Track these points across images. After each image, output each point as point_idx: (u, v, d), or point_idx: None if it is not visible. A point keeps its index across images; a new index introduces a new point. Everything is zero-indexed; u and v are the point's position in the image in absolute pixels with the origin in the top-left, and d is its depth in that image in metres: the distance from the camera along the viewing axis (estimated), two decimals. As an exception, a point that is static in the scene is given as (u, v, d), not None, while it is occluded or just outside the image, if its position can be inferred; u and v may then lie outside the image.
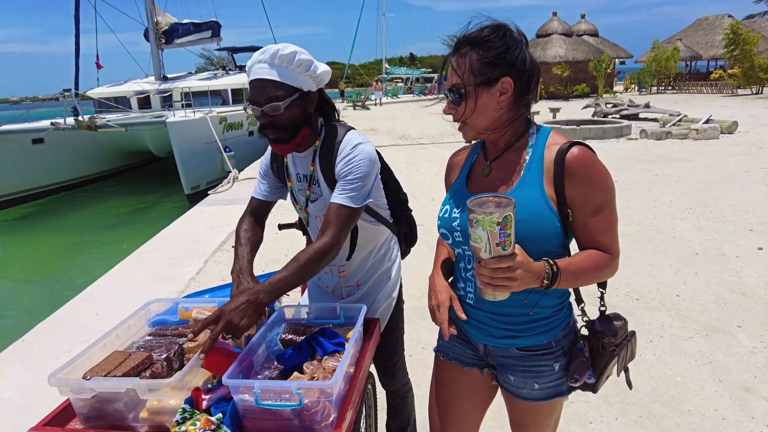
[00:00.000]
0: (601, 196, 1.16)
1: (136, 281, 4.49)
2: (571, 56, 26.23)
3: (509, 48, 1.15)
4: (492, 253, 1.00)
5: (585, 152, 1.16)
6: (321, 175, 1.58)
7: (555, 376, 1.27)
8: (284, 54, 1.43)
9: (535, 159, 1.20)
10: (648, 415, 2.38)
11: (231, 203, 7.34)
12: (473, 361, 1.38)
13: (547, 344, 1.26)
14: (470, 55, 1.16)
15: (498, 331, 1.27)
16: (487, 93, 1.17)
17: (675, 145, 10.36)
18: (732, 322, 3.22)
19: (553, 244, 1.17)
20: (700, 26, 30.54)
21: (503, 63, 1.15)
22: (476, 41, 1.16)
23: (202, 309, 1.50)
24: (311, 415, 1.11)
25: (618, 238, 1.20)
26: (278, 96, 1.45)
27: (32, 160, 11.46)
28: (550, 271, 1.08)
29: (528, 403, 1.30)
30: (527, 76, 1.18)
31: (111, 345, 1.35)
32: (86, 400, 1.15)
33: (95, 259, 7.44)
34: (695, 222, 5.29)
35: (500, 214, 0.96)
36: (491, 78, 1.15)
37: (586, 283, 1.18)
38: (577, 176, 1.15)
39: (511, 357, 1.29)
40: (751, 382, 2.60)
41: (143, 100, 14.51)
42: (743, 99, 20.47)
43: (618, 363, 1.27)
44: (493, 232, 0.97)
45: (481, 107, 1.18)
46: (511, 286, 1.03)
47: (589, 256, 1.16)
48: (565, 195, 1.15)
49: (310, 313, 1.54)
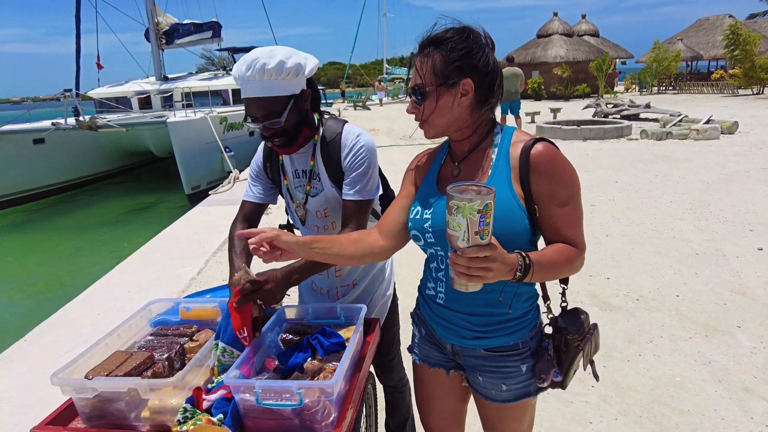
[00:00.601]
0: (567, 191, 1.18)
1: (136, 281, 4.50)
2: (572, 56, 26.23)
3: (472, 50, 1.17)
4: (470, 241, 0.98)
5: (549, 148, 1.19)
6: (323, 168, 1.58)
7: (523, 377, 1.28)
8: (271, 68, 1.40)
9: (502, 157, 1.21)
10: (648, 415, 2.39)
11: (232, 203, 7.35)
12: (440, 362, 1.40)
13: (514, 345, 1.27)
14: (433, 56, 1.18)
15: (467, 332, 1.28)
16: (448, 94, 1.18)
17: (675, 145, 10.36)
18: (732, 322, 3.23)
19: (523, 240, 1.18)
20: (700, 26, 30.52)
21: (465, 65, 1.16)
22: (439, 42, 1.18)
23: (204, 308, 1.51)
24: (312, 415, 1.11)
25: (583, 233, 1.21)
26: (276, 111, 1.45)
27: (33, 161, 11.48)
28: (522, 263, 1.08)
29: (497, 404, 1.31)
30: (489, 78, 1.19)
31: (113, 345, 1.36)
32: (88, 399, 1.16)
33: (96, 259, 7.45)
34: (695, 222, 5.29)
35: (481, 202, 0.95)
36: (453, 80, 1.17)
37: (556, 277, 1.19)
38: (542, 172, 1.17)
39: (479, 357, 1.30)
40: (750, 382, 2.60)
41: (144, 100, 14.53)
42: (744, 99, 20.46)
43: (583, 357, 1.28)
44: (473, 219, 0.96)
45: (442, 107, 1.20)
46: (485, 276, 1.02)
47: (559, 249, 1.17)
48: (531, 191, 1.17)
49: (310, 313, 1.55)
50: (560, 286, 1.33)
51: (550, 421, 2.39)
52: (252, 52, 1.45)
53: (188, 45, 16.36)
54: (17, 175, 11.21)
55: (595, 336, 1.33)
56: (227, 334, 1.30)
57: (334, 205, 1.62)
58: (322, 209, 1.62)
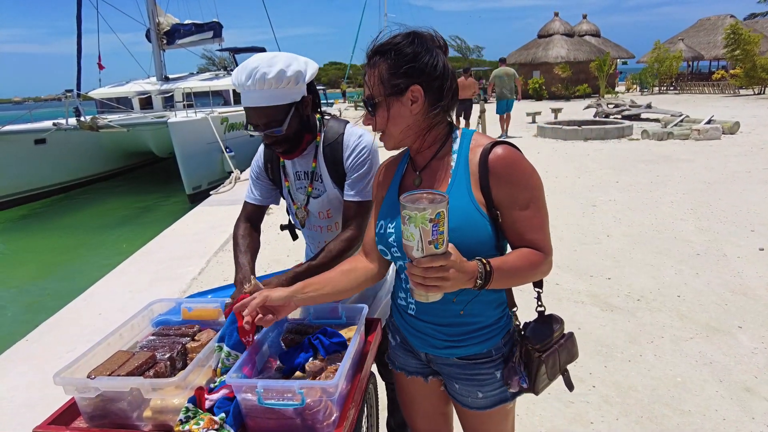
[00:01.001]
0: (527, 194, 1.15)
1: (138, 281, 4.51)
2: (573, 56, 26.23)
3: (417, 55, 1.14)
4: (424, 251, 0.96)
5: (507, 151, 1.16)
6: (325, 169, 1.58)
7: (498, 383, 1.27)
8: (272, 77, 1.40)
9: (461, 164, 1.19)
10: (649, 416, 2.39)
11: (233, 203, 7.36)
12: (417, 370, 1.40)
13: (487, 353, 1.26)
14: (379, 66, 1.16)
15: (438, 341, 1.27)
16: (398, 102, 1.17)
17: (676, 145, 10.35)
18: (733, 322, 3.22)
19: (487, 247, 1.15)
20: (702, 26, 30.50)
21: (411, 71, 1.14)
22: (384, 51, 1.16)
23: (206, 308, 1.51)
24: (313, 414, 1.12)
25: (549, 236, 1.19)
26: (277, 120, 1.45)
27: (34, 161, 11.50)
28: (483, 270, 1.06)
29: (475, 411, 1.30)
30: (439, 82, 1.16)
31: (115, 345, 1.36)
32: (90, 399, 1.16)
33: (97, 259, 7.46)
34: (696, 222, 5.29)
35: (433, 211, 0.93)
36: (400, 87, 1.15)
37: (521, 283, 1.17)
38: (501, 176, 1.14)
39: (453, 366, 1.29)
40: (751, 382, 2.60)
41: (145, 100, 14.54)
42: (745, 99, 20.44)
43: (548, 369, 1.25)
44: (425, 229, 0.94)
45: (394, 117, 1.18)
46: (443, 286, 1.00)
47: (522, 255, 1.15)
48: (491, 196, 1.15)
49: (311, 314, 1.55)
50: (535, 290, 1.31)
51: (550, 421, 2.39)
52: (251, 60, 1.45)
53: (189, 45, 16.37)
54: (19, 175, 11.23)
55: (568, 346, 1.30)
56: (232, 339, 1.30)
57: (337, 205, 1.62)
58: (325, 210, 1.62)
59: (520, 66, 28.46)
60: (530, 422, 2.39)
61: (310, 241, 1.78)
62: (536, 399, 2.45)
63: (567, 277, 4.04)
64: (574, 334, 1.35)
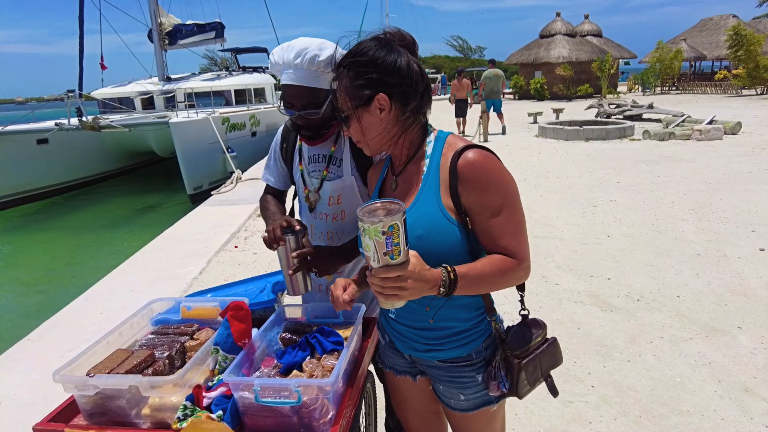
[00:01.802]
0: (498, 199, 1.12)
1: (139, 281, 4.52)
2: (575, 57, 26.20)
3: (376, 63, 1.12)
4: (380, 262, 0.97)
5: (477, 155, 1.13)
6: (349, 155, 1.58)
7: (480, 386, 1.26)
8: (321, 60, 1.42)
9: (432, 169, 1.18)
10: (647, 416, 2.39)
11: (234, 203, 7.37)
12: (405, 369, 1.40)
13: (468, 356, 1.25)
14: (343, 79, 1.16)
15: (419, 344, 1.28)
16: (366, 113, 1.16)
17: (678, 145, 10.34)
18: (732, 323, 3.23)
19: (457, 252, 1.13)
20: (704, 26, 30.42)
21: (373, 81, 1.13)
22: (345, 63, 1.16)
23: (205, 307, 1.52)
24: (310, 413, 1.13)
25: (526, 241, 1.15)
26: (316, 102, 1.46)
27: (37, 161, 11.53)
28: (447, 278, 1.05)
29: (458, 413, 1.31)
30: (405, 86, 1.15)
31: (114, 343, 1.37)
32: (90, 396, 1.18)
33: (98, 258, 7.48)
34: (697, 223, 5.28)
35: (386, 224, 0.92)
36: (365, 98, 1.14)
37: (492, 289, 1.15)
38: (469, 181, 1.12)
39: (435, 368, 1.30)
40: (750, 383, 2.60)
41: (147, 100, 14.57)
42: (748, 100, 20.39)
43: (528, 375, 1.24)
44: (379, 241, 0.94)
45: (366, 127, 1.18)
46: (402, 295, 1.00)
47: (491, 261, 1.12)
48: (461, 201, 1.13)
49: (309, 313, 1.56)
50: (518, 293, 1.30)
51: (549, 421, 2.39)
52: (299, 41, 1.47)
53: (191, 45, 16.39)
54: (21, 174, 11.27)
55: (550, 352, 1.29)
56: (227, 345, 1.31)
57: (349, 194, 1.61)
58: (336, 195, 1.61)
59: (521, 66, 28.48)
60: (528, 422, 2.39)
61: (314, 230, 1.73)
62: (535, 399, 2.46)
63: (567, 277, 4.04)
64: (557, 339, 1.33)
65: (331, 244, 1.63)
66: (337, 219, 1.64)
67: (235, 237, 5.78)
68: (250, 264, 4.87)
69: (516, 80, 28.55)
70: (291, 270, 1.42)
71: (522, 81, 28.09)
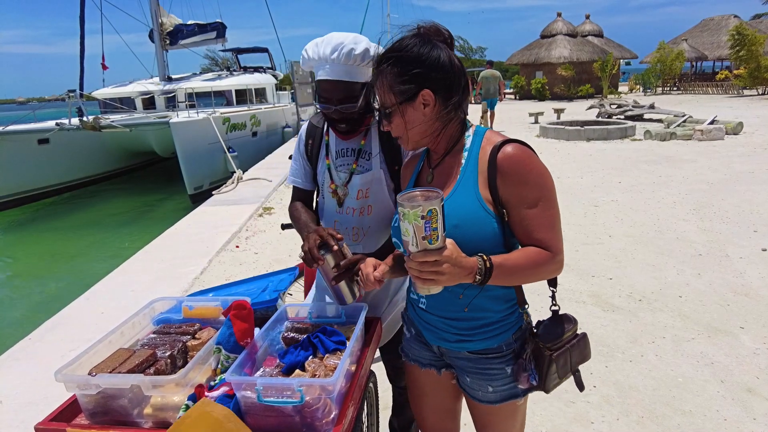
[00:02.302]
0: (535, 193, 1.14)
1: (140, 280, 4.52)
2: (576, 57, 26.18)
3: (422, 59, 1.14)
4: (419, 246, 1.00)
5: (517, 149, 1.16)
6: (379, 149, 1.59)
7: (508, 379, 1.27)
8: (358, 54, 1.44)
9: (471, 162, 1.20)
10: (649, 416, 2.38)
11: (235, 203, 7.37)
12: (431, 362, 1.41)
13: (498, 348, 1.26)
14: (387, 74, 1.17)
15: (449, 335, 1.29)
16: (410, 108, 1.18)
17: (679, 146, 10.33)
18: (735, 323, 3.22)
19: (492, 244, 1.16)
20: (705, 27, 30.39)
21: (418, 76, 1.15)
22: (390, 58, 1.17)
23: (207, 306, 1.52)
24: (312, 412, 1.12)
25: (560, 235, 1.18)
26: (353, 96, 1.48)
27: (38, 160, 11.54)
28: (483, 266, 1.07)
29: (485, 405, 1.31)
30: (448, 81, 1.17)
31: (116, 342, 1.37)
32: (91, 396, 1.17)
33: (100, 258, 7.49)
34: (699, 223, 5.28)
35: (425, 208, 0.96)
36: (410, 94, 1.16)
37: (526, 281, 1.17)
38: (508, 174, 1.14)
39: (464, 359, 1.31)
40: (753, 383, 2.59)
41: (148, 100, 14.58)
42: (749, 100, 20.37)
43: (558, 369, 1.25)
44: (418, 225, 0.97)
45: (409, 122, 1.20)
46: (439, 279, 1.02)
47: (526, 253, 1.14)
48: (499, 194, 1.15)
49: (312, 312, 1.56)
50: (549, 289, 1.31)
51: (551, 421, 2.39)
52: (334, 36, 1.48)
53: (192, 46, 16.41)
54: (22, 174, 11.28)
55: (580, 347, 1.29)
56: (230, 344, 1.31)
57: (377, 188, 1.61)
58: (365, 189, 1.61)
59: (522, 66, 28.47)
60: (531, 422, 2.39)
61: (339, 227, 1.70)
62: (537, 398, 2.45)
63: (569, 277, 4.03)
64: (587, 334, 1.34)
65: (356, 241, 1.64)
66: (364, 214, 1.63)
67: (237, 237, 5.78)
68: (252, 264, 4.87)
69: (517, 80, 28.55)
70: (334, 281, 1.43)
71: (523, 81, 28.09)
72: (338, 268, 1.42)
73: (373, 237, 1.63)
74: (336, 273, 1.42)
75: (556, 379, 1.27)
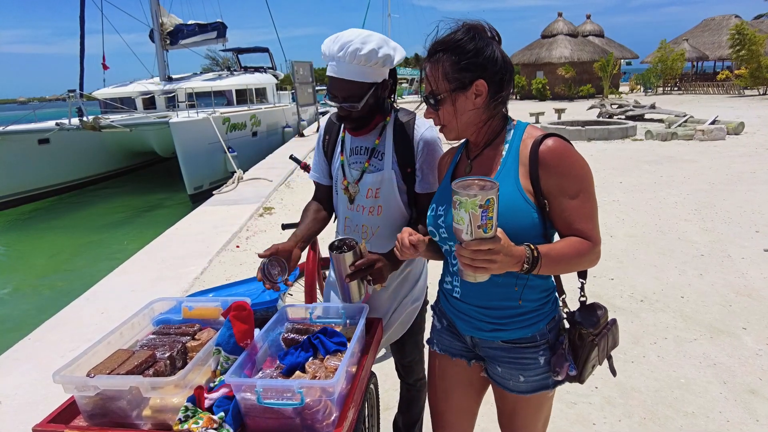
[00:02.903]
0: (576, 185, 1.18)
1: (140, 280, 4.51)
2: (577, 57, 26.18)
3: (479, 50, 1.18)
4: (473, 235, 1.00)
5: (558, 143, 1.19)
6: (392, 149, 1.60)
7: (541, 369, 1.29)
8: (362, 54, 1.44)
9: (512, 153, 1.23)
10: (651, 417, 2.37)
11: (236, 203, 7.36)
12: (461, 353, 1.41)
13: (532, 337, 1.28)
14: (443, 62, 1.20)
15: (484, 324, 1.30)
16: (462, 97, 1.21)
17: (680, 146, 10.31)
18: (737, 324, 3.20)
19: (532, 234, 1.18)
20: (706, 27, 30.37)
21: (475, 66, 1.18)
22: (447, 47, 1.20)
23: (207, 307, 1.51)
24: (313, 414, 1.11)
25: (598, 226, 1.21)
26: (356, 95, 1.49)
27: (38, 160, 11.54)
28: (530, 255, 1.09)
29: (515, 395, 1.32)
30: (500, 75, 1.20)
31: (115, 343, 1.36)
32: (90, 397, 1.16)
33: (99, 258, 7.48)
34: (700, 223, 5.26)
35: (483, 197, 0.97)
36: (465, 83, 1.19)
37: (568, 270, 1.20)
38: (550, 167, 1.17)
39: (498, 349, 1.32)
40: (756, 384, 2.58)
41: (148, 100, 14.58)
42: (750, 100, 20.34)
43: (599, 352, 1.28)
44: (475, 214, 0.98)
45: (459, 111, 1.22)
46: (490, 268, 1.04)
47: (570, 243, 1.17)
48: (540, 186, 1.18)
49: (312, 313, 1.55)
50: (579, 280, 1.33)
51: (553, 422, 2.37)
52: (346, 33, 1.48)
53: (193, 45, 16.41)
54: (22, 174, 11.28)
55: (613, 332, 1.33)
56: (229, 345, 1.30)
57: (387, 188, 1.61)
58: (375, 188, 1.61)
59: (523, 66, 28.46)
60: (532, 423, 2.37)
61: (349, 223, 1.70)
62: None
63: (570, 277, 4.01)
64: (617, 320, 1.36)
65: (365, 238, 1.64)
66: (374, 213, 1.64)
67: (237, 237, 5.77)
68: (252, 264, 4.86)
69: (518, 80, 28.54)
70: (348, 278, 1.43)
71: (524, 81, 28.08)
72: (354, 266, 1.43)
73: (382, 240, 1.62)
74: (352, 271, 1.43)
75: (592, 366, 1.29)
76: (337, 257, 1.43)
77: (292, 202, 7.39)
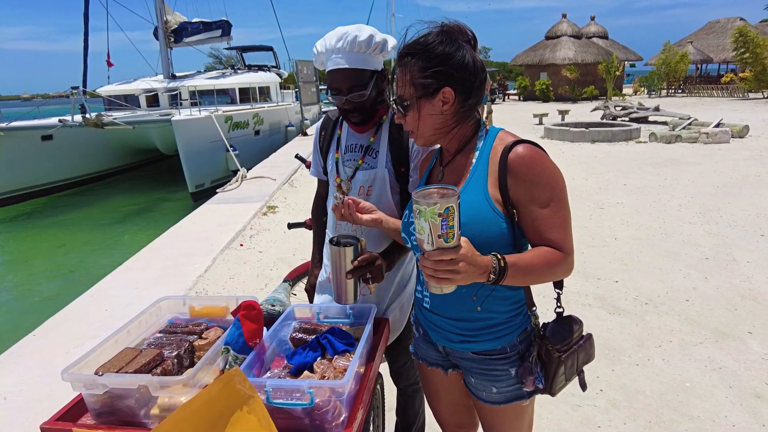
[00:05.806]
0: (547, 193, 1.14)
1: (144, 278, 4.51)
2: (581, 58, 26.12)
3: (448, 56, 1.14)
4: (434, 245, 0.98)
5: (528, 149, 1.15)
6: (386, 147, 1.59)
7: (512, 380, 1.26)
8: (362, 40, 1.45)
9: (482, 161, 1.20)
10: (657, 421, 2.36)
11: (239, 202, 7.36)
12: (437, 362, 1.40)
13: (502, 349, 1.25)
14: (410, 67, 1.17)
15: (453, 335, 1.28)
16: (429, 104, 1.18)
17: (684, 148, 10.28)
18: (743, 327, 3.19)
19: (501, 244, 1.15)
20: (711, 29, 30.26)
21: (442, 74, 1.14)
22: (415, 51, 1.17)
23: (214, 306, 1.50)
24: (322, 415, 1.10)
25: (571, 236, 1.18)
26: (362, 83, 1.49)
27: (41, 157, 11.57)
28: (497, 265, 1.06)
29: (489, 405, 1.31)
30: (469, 82, 1.17)
31: (122, 341, 1.35)
32: (98, 395, 1.16)
33: (103, 255, 7.49)
34: (705, 226, 5.24)
35: (442, 205, 0.94)
36: (431, 89, 1.16)
37: (539, 281, 1.15)
38: (519, 174, 1.14)
39: (469, 360, 1.30)
40: (761, 388, 2.57)
41: (152, 98, 14.60)
42: (754, 103, 20.28)
43: (566, 370, 1.24)
44: (434, 223, 0.96)
45: (425, 117, 1.19)
46: (454, 279, 1.01)
47: (539, 253, 1.13)
48: (509, 194, 1.14)
49: (320, 313, 1.54)
50: (555, 291, 1.30)
51: (557, 424, 2.37)
52: (340, 28, 1.50)
53: (197, 43, 16.43)
54: (26, 171, 11.30)
55: (586, 348, 1.29)
56: (238, 345, 1.29)
57: (379, 186, 1.60)
58: (367, 186, 1.61)
59: (527, 67, 28.43)
60: (537, 425, 2.35)
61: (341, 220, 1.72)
62: (543, 402, 2.43)
63: (574, 280, 4.01)
64: (592, 335, 1.33)
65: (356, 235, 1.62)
66: None
67: (241, 235, 5.77)
68: (256, 262, 4.86)
69: (521, 81, 28.50)
70: (350, 275, 1.40)
71: (527, 82, 28.03)
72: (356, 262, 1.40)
73: (373, 239, 1.61)
74: (354, 266, 1.40)
75: (563, 381, 1.26)
76: (339, 251, 1.39)
77: (295, 201, 7.39)
